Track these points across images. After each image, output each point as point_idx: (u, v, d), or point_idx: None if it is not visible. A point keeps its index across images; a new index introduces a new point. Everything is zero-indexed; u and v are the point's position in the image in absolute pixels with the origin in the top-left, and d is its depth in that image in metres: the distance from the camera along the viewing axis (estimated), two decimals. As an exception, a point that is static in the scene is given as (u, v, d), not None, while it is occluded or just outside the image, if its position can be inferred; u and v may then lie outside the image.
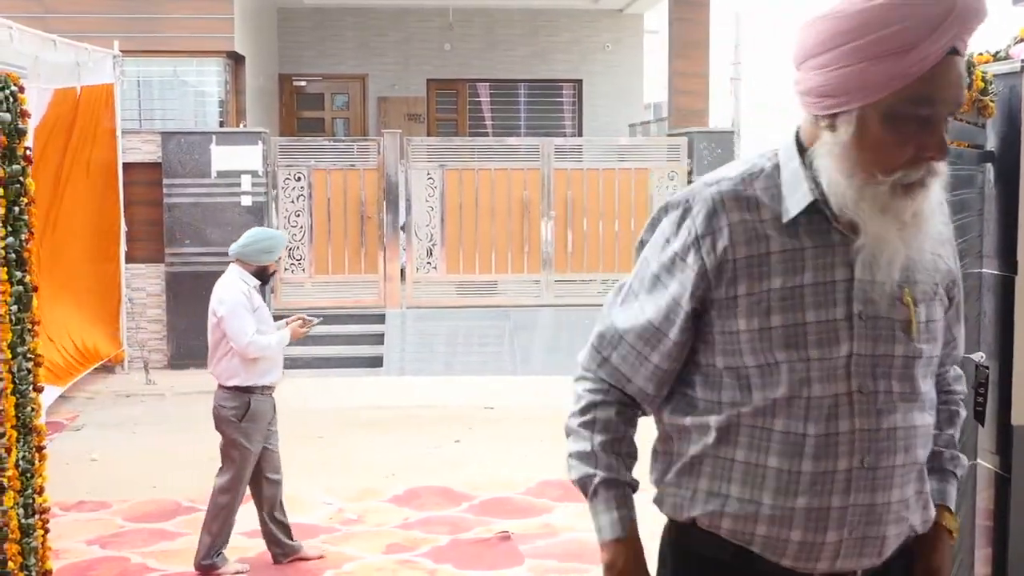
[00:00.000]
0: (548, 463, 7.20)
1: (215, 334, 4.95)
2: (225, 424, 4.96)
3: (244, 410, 4.92)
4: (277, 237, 5.05)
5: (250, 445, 4.96)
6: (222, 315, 4.87)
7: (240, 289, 4.90)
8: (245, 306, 4.87)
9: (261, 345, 4.85)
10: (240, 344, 4.83)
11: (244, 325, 4.83)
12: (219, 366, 4.97)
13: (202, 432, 8.15)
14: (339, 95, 16.52)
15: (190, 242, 10.44)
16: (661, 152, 11.23)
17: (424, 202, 10.77)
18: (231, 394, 4.93)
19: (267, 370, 4.98)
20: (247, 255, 4.97)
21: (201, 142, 10.46)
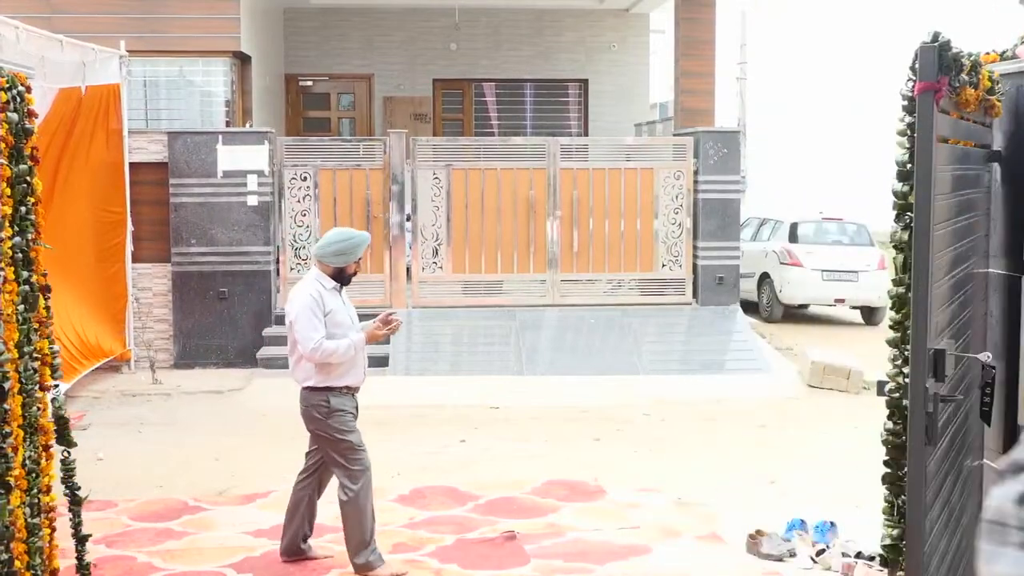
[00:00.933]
0: (553, 463, 7.20)
1: (290, 335, 4.87)
2: (315, 423, 4.89)
3: (327, 406, 4.84)
4: (355, 238, 4.88)
5: (348, 432, 4.86)
6: (291, 319, 4.80)
7: (310, 292, 4.80)
8: (313, 309, 4.75)
9: (327, 351, 4.74)
10: (305, 349, 4.74)
11: (310, 330, 4.73)
12: (296, 369, 4.90)
13: (208, 432, 8.18)
14: (345, 95, 16.54)
15: (196, 242, 10.46)
16: (667, 152, 11.22)
17: (430, 202, 10.77)
18: (311, 393, 4.86)
19: (344, 373, 4.87)
20: (324, 256, 4.87)
21: (207, 142, 10.48)
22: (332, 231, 4.97)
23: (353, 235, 4.91)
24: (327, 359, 4.77)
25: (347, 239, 4.87)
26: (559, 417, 8.69)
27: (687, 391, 9.56)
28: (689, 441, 7.96)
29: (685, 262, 11.00)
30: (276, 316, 10.57)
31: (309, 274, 4.95)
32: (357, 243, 4.89)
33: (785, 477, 6.91)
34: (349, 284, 5.01)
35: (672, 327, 10.88)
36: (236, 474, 6.93)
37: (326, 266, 4.89)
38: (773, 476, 6.93)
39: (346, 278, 4.95)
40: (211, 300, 10.47)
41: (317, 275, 4.89)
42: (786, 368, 10.40)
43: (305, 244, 10.66)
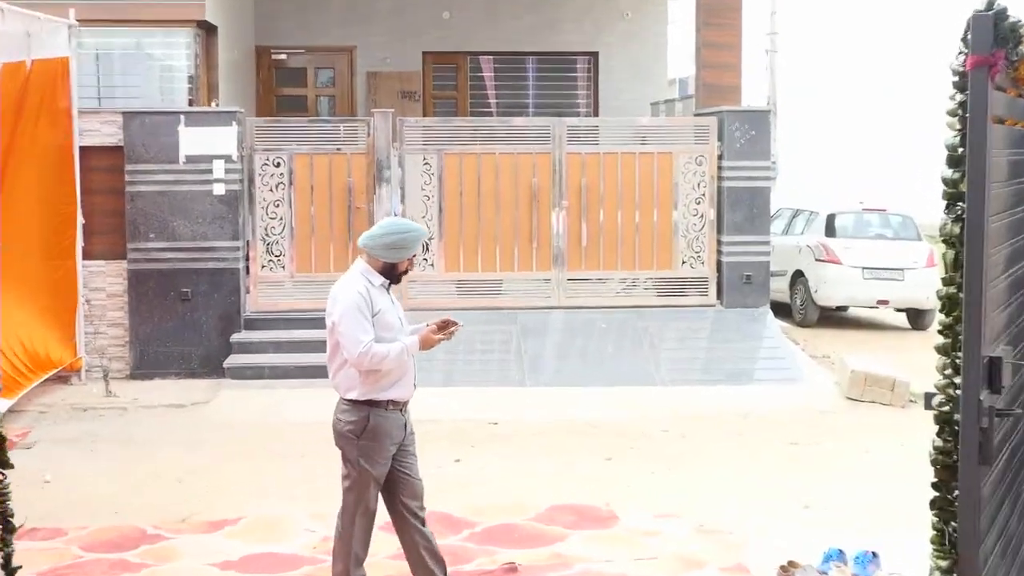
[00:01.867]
0: (559, 485, 7.21)
1: (331, 338, 4.81)
2: (343, 440, 4.85)
3: (363, 426, 4.77)
4: (412, 232, 4.82)
5: (370, 466, 4.79)
6: (336, 319, 4.74)
7: (358, 288, 4.74)
8: (361, 308, 4.71)
9: (377, 356, 4.68)
10: (352, 353, 4.68)
11: (357, 331, 4.68)
12: (337, 376, 4.83)
13: (169, 450, 8.19)
14: (324, 70, 16.54)
15: (155, 236, 10.47)
16: (687, 134, 11.22)
17: (420, 191, 10.78)
18: (350, 407, 4.80)
19: (392, 383, 4.81)
20: (373, 249, 4.81)
21: (168, 123, 10.48)
22: (385, 221, 4.94)
23: (410, 227, 4.87)
24: (376, 366, 4.71)
25: (403, 231, 4.83)
26: (566, 433, 8.69)
27: (710, 404, 9.57)
28: (713, 460, 7.97)
29: (708, 258, 11.01)
30: (245, 320, 10.58)
31: (354, 268, 4.90)
32: (414, 237, 4.85)
33: (821, 501, 6.92)
34: (399, 283, 4.98)
35: (694, 332, 10.88)
36: (201, 498, 6.93)
37: (375, 260, 4.84)
38: (807, 499, 6.93)
39: (397, 276, 4.91)
40: (172, 302, 10.48)
41: (364, 269, 4.85)
42: (822, 378, 10.41)
43: (278, 239, 10.67)
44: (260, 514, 6.59)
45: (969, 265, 3.17)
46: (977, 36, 3.12)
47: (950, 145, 3.37)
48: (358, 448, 4.79)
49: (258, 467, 7.74)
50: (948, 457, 3.39)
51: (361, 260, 4.89)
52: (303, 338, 10.47)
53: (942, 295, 3.42)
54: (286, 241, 10.69)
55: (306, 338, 10.47)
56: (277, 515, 6.58)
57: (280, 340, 10.44)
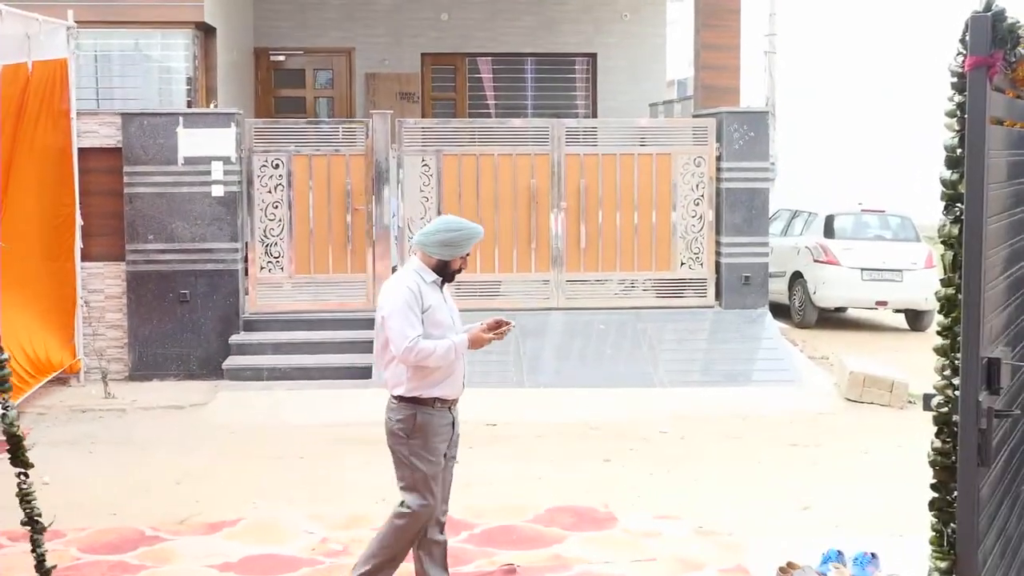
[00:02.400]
0: (559, 486, 7.21)
1: (380, 335, 4.84)
2: (394, 439, 4.85)
3: (411, 424, 4.78)
4: (466, 230, 4.85)
5: (423, 465, 4.79)
6: (384, 314, 4.75)
7: (408, 284, 4.75)
8: (410, 304, 4.71)
9: (423, 351, 4.68)
10: (398, 348, 4.68)
11: (405, 327, 4.68)
12: (387, 371, 4.87)
13: (167, 451, 8.18)
14: (322, 71, 16.55)
15: (154, 237, 10.47)
16: (686, 135, 11.23)
17: (418, 192, 10.78)
18: (398, 404, 4.82)
19: (439, 381, 4.81)
20: (427, 246, 4.82)
21: (166, 125, 10.48)
22: (441, 219, 4.96)
23: (464, 226, 4.89)
24: (422, 361, 4.71)
25: (457, 229, 4.85)
26: (565, 435, 8.70)
27: (709, 405, 9.57)
28: (712, 461, 7.97)
29: (707, 260, 11.01)
30: (244, 321, 10.58)
31: (408, 264, 4.92)
32: (468, 235, 4.86)
33: (820, 502, 6.92)
34: (452, 281, 4.99)
35: (692, 333, 10.88)
36: (200, 499, 6.93)
37: (429, 257, 4.85)
38: (806, 501, 6.94)
39: (450, 274, 4.92)
40: (171, 303, 10.47)
41: (417, 266, 4.85)
42: (821, 379, 10.41)
43: (277, 240, 10.67)
44: (259, 516, 6.59)
45: (968, 266, 3.18)
46: (975, 37, 3.13)
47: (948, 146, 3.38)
48: (408, 447, 4.80)
49: (257, 469, 7.74)
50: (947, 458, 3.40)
51: (415, 257, 4.90)
52: (302, 340, 10.48)
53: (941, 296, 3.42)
54: (285, 243, 10.69)
55: (305, 340, 10.47)
56: (276, 517, 6.57)
57: (279, 342, 10.44)
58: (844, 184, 24.05)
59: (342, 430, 8.82)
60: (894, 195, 19.63)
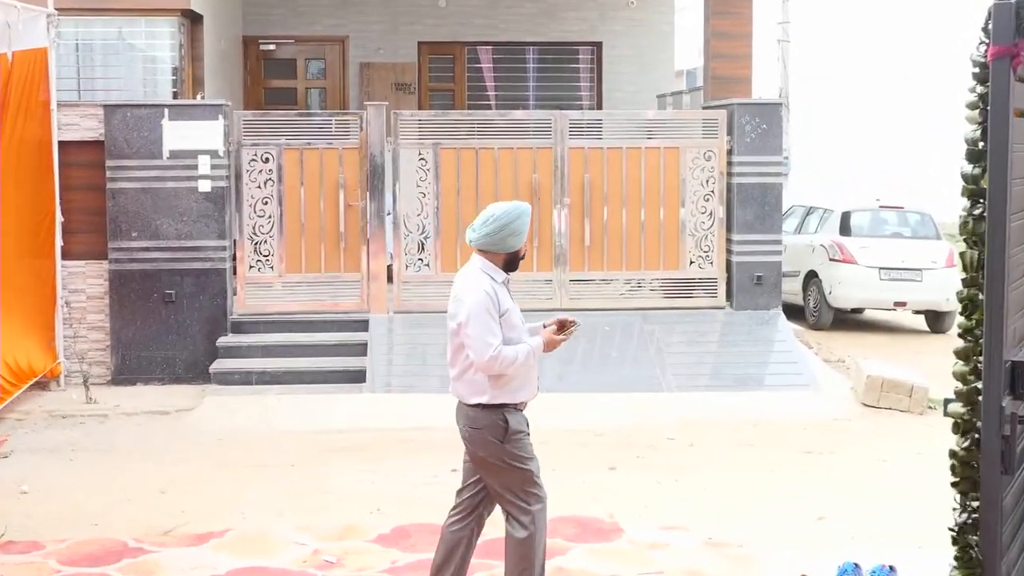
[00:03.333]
0: (562, 496, 7.19)
1: (454, 341, 4.78)
2: (489, 448, 4.77)
3: (503, 428, 4.74)
4: (521, 208, 4.80)
5: (524, 464, 4.78)
6: (462, 320, 4.70)
7: (484, 288, 4.71)
8: (490, 309, 4.68)
9: (506, 360, 4.66)
10: (481, 358, 4.65)
11: (486, 334, 4.65)
12: (461, 381, 4.79)
13: (152, 459, 8.18)
14: (314, 61, 16.54)
15: (138, 235, 10.46)
16: (695, 128, 11.22)
17: (415, 187, 10.78)
18: (479, 412, 4.75)
19: (520, 386, 4.80)
20: (494, 244, 4.78)
21: (151, 117, 10.48)
22: (491, 209, 4.86)
23: (517, 206, 4.84)
24: (505, 370, 4.68)
25: (516, 213, 4.80)
26: (568, 442, 8.69)
27: (720, 411, 9.57)
28: (722, 469, 7.97)
29: (717, 258, 11.01)
30: (232, 323, 10.57)
31: (472, 266, 4.85)
32: (527, 216, 4.83)
33: (836, 512, 6.92)
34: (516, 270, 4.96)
35: (702, 335, 10.87)
36: (186, 510, 6.92)
37: (495, 254, 4.82)
38: (821, 511, 6.93)
39: (517, 264, 4.92)
40: (155, 304, 10.47)
41: (484, 266, 4.82)
42: (837, 384, 10.40)
43: (267, 238, 10.67)
44: (248, 526, 6.58)
45: (990, 265, 3.17)
46: (999, 25, 3.12)
47: (970, 139, 3.37)
48: (505, 450, 4.77)
49: (245, 477, 7.74)
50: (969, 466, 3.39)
51: (478, 256, 4.85)
52: (293, 342, 10.47)
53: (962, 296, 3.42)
54: (275, 240, 10.68)
55: (296, 342, 10.47)
56: (265, 528, 6.57)
57: (269, 344, 10.44)
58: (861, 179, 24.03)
59: (335, 437, 8.82)
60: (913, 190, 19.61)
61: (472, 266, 4.86)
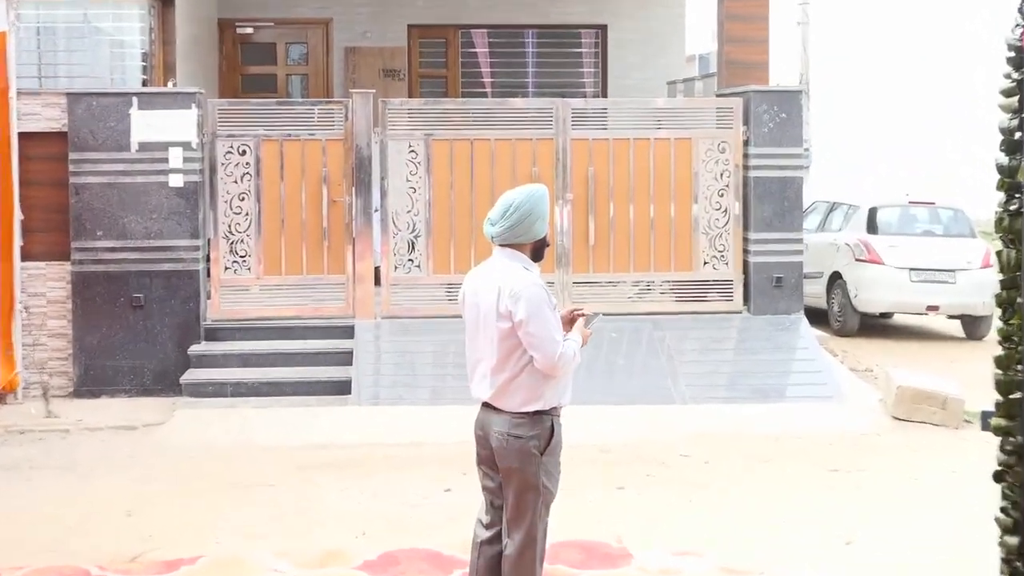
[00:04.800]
0: (565, 517, 7.16)
1: (504, 344, 4.75)
2: (527, 460, 4.79)
3: (548, 439, 4.81)
4: (541, 193, 4.84)
5: (551, 485, 4.87)
6: (523, 317, 4.66)
7: (536, 280, 4.75)
8: (550, 305, 4.73)
9: (567, 357, 4.73)
10: (551, 357, 4.68)
11: (553, 331, 4.70)
12: (511, 387, 4.78)
13: (117, 478, 8.15)
14: (295, 45, 16.52)
15: (103, 234, 10.44)
16: (709, 117, 11.20)
17: (405, 181, 10.76)
18: (528, 420, 4.79)
19: (566, 385, 4.89)
20: (518, 234, 4.80)
21: (118, 106, 10.46)
22: (507, 199, 4.83)
23: (535, 189, 4.87)
24: (567, 368, 4.77)
25: (539, 196, 4.82)
26: (572, 459, 8.60)
27: (737, 424, 9.55)
28: (739, 489, 7.95)
29: (733, 259, 10.99)
30: (206, 329, 10.54)
31: (504, 260, 4.82)
32: (546, 196, 4.86)
33: (863, 536, 6.89)
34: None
35: (717, 342, 10.85)
36: (154, 534, 6.89)
37: (521, 246, 4.84)
38: (848, 534, 6.91)
39: (544, 253, 4.96)
40: (122, 309, 10.45)
41: (520, 259, 4.82)
42: (864, 395, 10.38)
43: (244, 237, 10.64)
44: (222, 552, 6.55)
45: (1032, 265, 3.14)
46: (1040, 2, 3.09)
47: (1005, 129, 3.34)
48: (541, 466, 4.82)
49: (220, 498, 7.71)
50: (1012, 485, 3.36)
51: (503, 250, 4.84)
52: (272, 350, 10.45)
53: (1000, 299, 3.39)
54: (252, 240, 10.66)
55: (276, 350, 10.45)
56: (241, 553, 6.54)
57: (246, 352, 10.42)
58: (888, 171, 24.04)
59: (317, 453, 8.79)
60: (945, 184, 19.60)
61: (499, 261, 4.85)
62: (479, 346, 4.85)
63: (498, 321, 4.73)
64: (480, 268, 4.96)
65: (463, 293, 4.96)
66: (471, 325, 4.89)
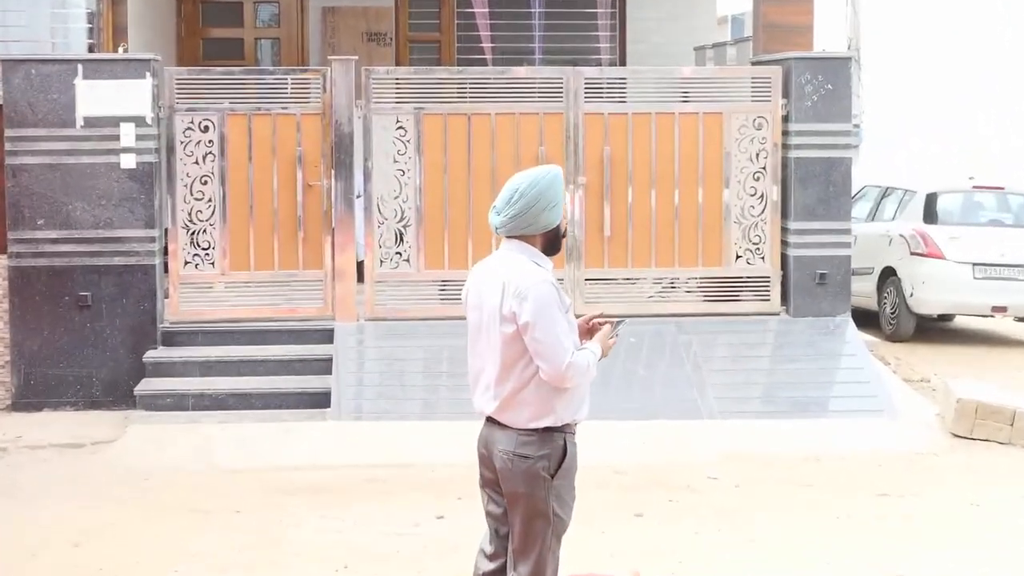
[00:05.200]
0: (576, 549, 7.19)
1: (509, 350, 4.76)
2: (532, 483, 4.82)
3: (559, 459, 4.83)
4: (552, 177, 4.82)
5: (564, 513, 4.90)
6: (528, 320, 4.67)
7: (546, 278, 4.75)
8: (559, 305, 4.73)
9: (580, 368, 4.72)
10: (557, 367, 4.68)
11: (562, 336, 4.70)
12: (516, 400, 4.80)
13: (63, 504, 8.18)
14: (265, 5, 16.53)
15: (45, 223, 10.47)
16: (743, 88, 11.22)
17: (392, 163, 10.79)
18: (536, 438, 4.81)
19: (582, 398, 4.90)
20: (525, 225, 4.81)
21: (61, 75, 10.49)
22: (512, 184, 4.86)
23: (546, 172, 4.86)
24: (578, 380, 4.77)
25: (549, 180, 4.81)
26: (584, 481, 8.61)
27: (773, 443, 9.58)
28: (775, 517, 7.98)
29: (770, 252, 11.02)
30: (163, 333, 10.58)
31: (512, 253, 4.85)
32: (558, 180, 4.84)
33: (917, 570, 6.92)
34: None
35: (751, 348, 10.89)
36: (104, 567, 6.92)
37: (531, 237, 4.85)
38: (899, 568, 6.94)
39: (559, 245, 4.98)
40: (67, 309, 10.48)
41: (529, 253, 4.84)
42: (919, 409, 10.41)
43: (206, 226, 10.67)
44: (182, 588, 6.59)
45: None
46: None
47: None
48: (552, 491, 4.84)
49: (179, 526, 7.74)
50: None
51: (511, 243, 4.86)
52: (239, 357, 10.48)
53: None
54: (217, 230, 10.69)
55: (243, 357, 10.47)
56: (204, 589, 6.58)
57: (209, 359, 10.44)
58: (950, 153, 24.00)
59: (291, 476, 8.82)
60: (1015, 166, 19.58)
61: (506, 255, 4.86)
62: (481, 352, 4.86)
63: (501, 324, 4.74)
64: (485, 263, 4.97)
65: (466, 291, 4.98)
66: (473, 328, 4.90)
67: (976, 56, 26.50)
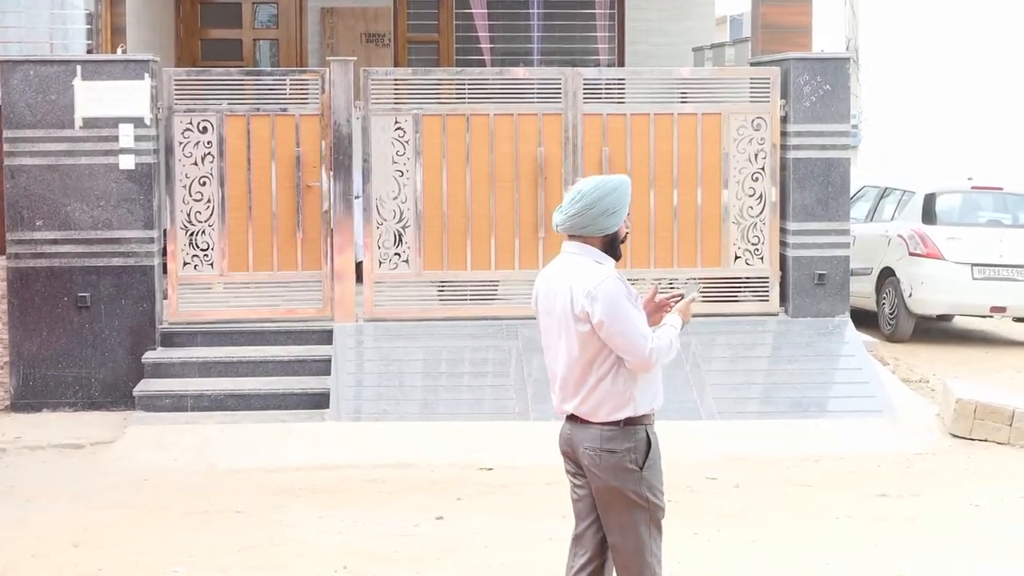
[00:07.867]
0: (574, 551, 7.20)
1: (587, 349, 4.93)
2: (626, 477, 4.92)
3: (645, 450, 4.95)
4: (616, 185, 5.01)
5: (659, 500, 4.98)
6: (602, 318, 4.85)
7: (611, 274, 4.93)
8: (630, 297, 4.93)
9: (663, 349, 4.92)
10: (641, 355, 4.86)
11: (640, 326, 4.89)
12: (594, 395, 4.95)
13: (62, 505, 8.17)
14: (264, 6, 16.53)
15: (43, 224, 10.47)
16: (741, 89, 11.22)
17: (391, 164, 10.78)
18: (619, 431, 4.94)
19: (657, 386, 5.06)
20: (583, 225, 4.99)
21: (60, 76, 10.48)
22: (577, 187, 5.02)
23: (610, 180, 5.03)
24: (663, 362, 4.94)
25: (612, 187, 4.99)
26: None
27: (772, 444, 9.58)
28: (775, 518, 7.98)
29: (768, 253, 11.02)
30: (162, 334, 10.58)
31: (573, 257, 5.02)
32: (623, 189, 5.03)
33: (918, 570, 6.92)
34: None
35: (750, 348, 10.88)
36: (104, 567, 6.92)
37: (590, 238, 5.02)
38: (899, 568, 6.94)
39: (618, 250, 5.12)
40: (66, 310, 10.48)
41: (593, 254, 5.01)
42: (918, 410, 10.41)
43: (205, 227, 10.67)
44: (181, 589, 6.59)
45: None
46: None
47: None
48: (644, 481, 4.93)
49: (179, 527, 7.74)
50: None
51: (573, 243, 5.03)
52: (238, 358, 10.47)
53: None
54: (215, 231, 10.69)
55: (242, 358, 10.47)
56: (203, 590, 6.58)
57: (208, 360, 10.44)
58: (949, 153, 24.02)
59: (291, 477, 8.82)
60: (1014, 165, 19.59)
61: (569, 257, 5.03)
62: (557, 354, 5.01)
63: (576, 324, 4.90)
64: (552, 266, 5.12)
65: (535, 295, 5.14)
66: (546, 332, 5.07)
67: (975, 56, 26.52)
